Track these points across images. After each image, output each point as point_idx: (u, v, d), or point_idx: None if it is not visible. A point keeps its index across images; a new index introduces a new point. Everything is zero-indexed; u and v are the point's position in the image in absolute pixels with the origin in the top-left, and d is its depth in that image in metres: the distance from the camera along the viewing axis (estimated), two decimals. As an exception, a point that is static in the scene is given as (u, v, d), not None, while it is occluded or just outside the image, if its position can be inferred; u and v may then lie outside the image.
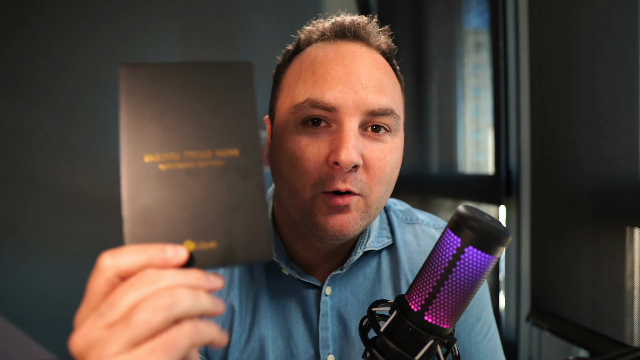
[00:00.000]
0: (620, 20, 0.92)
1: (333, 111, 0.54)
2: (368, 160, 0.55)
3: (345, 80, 0.54)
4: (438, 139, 1.79)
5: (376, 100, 0.55)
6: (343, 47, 0.58)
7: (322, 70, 0.55)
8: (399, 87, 0.62)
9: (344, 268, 0.63)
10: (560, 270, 1.10)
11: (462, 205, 0.42)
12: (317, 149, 0.54)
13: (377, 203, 0.57)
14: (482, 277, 0.41)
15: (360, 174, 0.54)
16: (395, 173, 0.59)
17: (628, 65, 0.90)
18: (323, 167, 0.54)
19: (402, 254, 0.67)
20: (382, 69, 0.58)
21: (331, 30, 0.60)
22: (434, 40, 1.81)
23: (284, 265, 0.63)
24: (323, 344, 0.62)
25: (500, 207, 1.39)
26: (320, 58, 0.57)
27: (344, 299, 0.64)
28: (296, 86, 0.57)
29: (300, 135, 0.55)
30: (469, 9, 1.57)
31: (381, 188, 0.57)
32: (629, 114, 0.90)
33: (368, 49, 0.59)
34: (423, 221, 0.72)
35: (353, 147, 0.52)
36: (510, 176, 1.35)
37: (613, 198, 0.94)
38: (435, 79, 1.80)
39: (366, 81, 0.55)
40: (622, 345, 0.90)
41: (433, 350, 0.43)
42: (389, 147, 0.57)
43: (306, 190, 0.55)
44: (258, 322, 0.62)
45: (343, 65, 0.55)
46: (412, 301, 0.43)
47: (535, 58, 1.19)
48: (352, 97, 0.54)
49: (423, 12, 1.89)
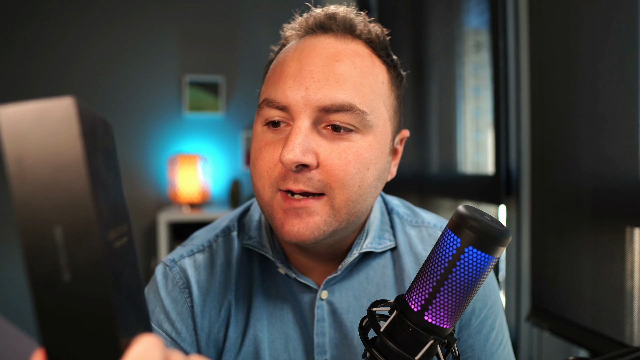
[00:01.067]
0: (620, 20, 0.92)
1: (285, 110, 0.52)
2: (324, 160, 0.51)
3: (297, 76, 0.51)
4: (438, 139, 1.79)
5: (329, 95, 0.50)
6: (305, 42, 0.55)
7: (280, 69, 0.54)
8: (381, 79, 0.56)
9: (339, 271, 0.60)
10: (560, 270, 1.10)
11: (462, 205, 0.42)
12: (272, 148, 0.53)
13: (348, 207, 0.53)
14: (482, 277, 0.41)
15: (315, 174, 0.51)
16: (370, 174, 0.53)
17: (628, 65, 0.90)
18: (277, 167, 0.52)
19: (407, 259, 0.64)
20: (346, 60, 0.52)
21: (303, 26, 0.57)
22: (434, 40, 1.81)
23: (281, 264, 0.60)
24: (319, 349, 0.60)
25: (500, 207, 1.39)
26: (282, 57, 0.55)
27: (346, 304, 0.61)
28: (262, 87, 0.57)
29: (263, 136, 0.54)
30: (469, 9, 1.57)
31: (348, 190, 0.52)
32: (629, 114, 0.90)
33: (336, 39, 0.54)
34: (429, 223, 0.69)
35: (297, 145, 0.49)
36: (510, 176, 1.35)
37: (613, 198, 0.94)
38: (435, 79, 1.80)
39: (319, 74, 0.51)
40: (622, 345, 0.90)
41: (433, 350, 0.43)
42: (355, 146, 0.52)
43: (265, 190, 0.53)
44: (254, 325, 0.60)
45: (298, 60, 0.53)
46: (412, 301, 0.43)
47: (535, 58, 1.19)
48: (302, 93, 0.51)
49: (423, 12, 1.89)
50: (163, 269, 0.63)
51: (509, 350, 0.67)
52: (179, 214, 2.26)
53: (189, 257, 0.63)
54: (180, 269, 0.62)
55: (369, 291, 0.62)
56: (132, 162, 2.54)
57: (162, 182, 2.57)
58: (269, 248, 0.61)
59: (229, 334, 0.60)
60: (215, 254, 0.63)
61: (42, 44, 2.44)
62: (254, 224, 0.65)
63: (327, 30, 0.55)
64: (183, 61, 2.60)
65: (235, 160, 2.67)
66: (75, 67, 2.48)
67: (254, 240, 0.63)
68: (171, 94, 2.59)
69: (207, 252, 0.64)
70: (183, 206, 2.41)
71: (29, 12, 2.42)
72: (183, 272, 0.62)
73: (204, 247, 0.64)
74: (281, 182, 0.52)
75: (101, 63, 2.51)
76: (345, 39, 0.55)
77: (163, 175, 2.57)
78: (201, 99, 2.59)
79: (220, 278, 0.61)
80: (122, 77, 2.52)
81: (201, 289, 0.60)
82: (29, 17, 2.42)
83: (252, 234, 0.64)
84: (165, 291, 0.61)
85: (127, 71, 2.53)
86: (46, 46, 2.44)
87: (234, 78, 2.64)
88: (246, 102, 2.67)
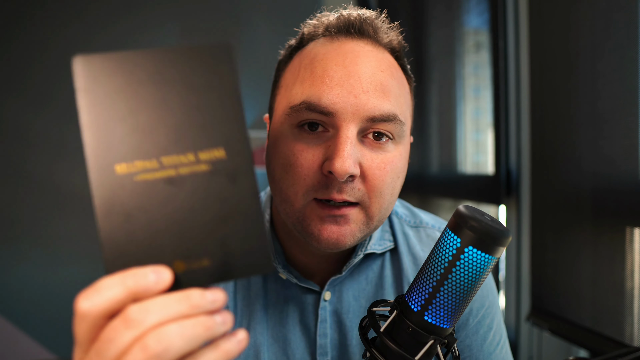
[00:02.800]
0: (620, 20, 0.92)
1: (330, 116, 0.50)
2: (367, 169, 0.51)
3: (344, 83, 0.50)
4: (438, 139, 1.79)
5: (377, 105, 0.50)
6: (346, 45, 0.53)
7: (321, 71, 0.51)
8: (407, 89, 0.57)
9: (344, 271, 0.61)
10: (560, 270, 1.10)
11: (462, 205, 0.42)
12: (311, 155, 0.51)
13: (380, 215, 0.54)
14: (482, 277, 0.41)
15: (357, 184, 0.51)
16: (399, 182, 0.55)
17: (628, 65, 0.90)
18: (317, 175, 0.51)
19: (405, 259, 0.64)
20: (387, 70, 0.53)
21: (336, 25, 0.55)
22: (434, 40, 1.81)
23: (282, 270, 0.60)
24: (321, 350, 0.60)
25: (500, 207, 1.39)
26: (320, 56, 0.53)
27: (346, 304, 0.62)
28: (294, 86, 0.53)
29: (296, 139, 0.52)
30: (469, 9, 1.57)
31: (382, 199, 0.53)
32: (629, 114, 0.90)
33: (374, 47, 0.54)
34: (427, 224, 0.69)
35: (349, 155, 0.48)
36: (510, 176, 1.35)
37: (613, 198, 0.94)
38: (435, 79, 1.80)
39: (368, 84, 0.50)
40: (622, 345, 0.90)
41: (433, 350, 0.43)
42: (390, 156, 0.53)
43: (298, 198, 0.52)
44: (253, 328, 0.60)
45: (344, 65, 0.51)
46: (412, 301, 0.43)
47: (535, 58, 1.19)
48: (351, 101, 0.50)
49: (423, 12, 1.89)
50: None
51: (507, 350, 0.67)
52: (179, 214, 2.26)
53: None
54: None
55: (368, 292, 0.63)
56: (132, 162, 2.54)
57: (162, 182, 2.57)
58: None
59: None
60: None
61: (42, 42, 2.44)
62: None
63: (364, 35, 0.55)
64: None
65: (235, 160, 2.67)
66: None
67: None
68: (171, 94, 2.59)
69: None
70: (183, 206, 2.42)
71: (28, 10, 2.42)
72: None
73: None
74: (321, 190, 0.51)
75: (101, 63, 2.51)
76: (381, 47, 0.55)
77: (163, 175, 2.57)
78: (201, 99, 2.59)
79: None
80: (122, 77, 2.53)
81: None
82: (29, 15, 2.42)
83: None
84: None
85: (127, 71, 2.53)
86: (46, 44, 2.45)
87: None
88: (246, 102, 2.67)
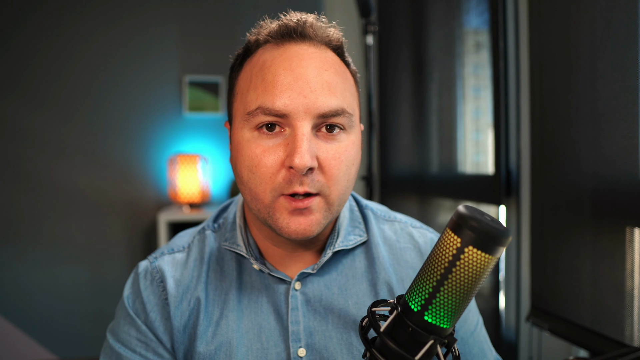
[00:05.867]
0: (620, 20, 0.92)
1: (284, 117, 0.56)
2: (323, 160, 0.57)
3: (293, 85, 0.56)
4: (438, 139, 1.79)
5: (326, 102, 0.56)
6: (290, 50, 0.59)
7: (271, 77, 0.57)
8: (352, 82, 0.63)
9: (314, 269, 0.65)
10: (560, 270, 1.10)
11: (462, 205, 0.42)
12: (273, 154, 0.56)
13: (339, 200, 0.60)
14: (482, 277, 0.41)
15: (316, 175, 0.57)
16: (354, 169, 0.61)
17: (628, 65, 0.90)
18: (280, 172, 0.56)
19: (381, 249, 0.69)
20: (330, 68, 0.59)
21: (277, 31, 0.60)
22: (434, 40, 1.81)
23: (254, 261, 0.65)
24: (294, 337, 0.63)
25: (500, 207, 1.39)
26: (268, 63, 0.58)
27: (317, 293, 0.66)
28: (248, 93, 0.59)
29: (257, 141, 0.57)
30: (469, 9, 1.57)
31: (340, 186, 0.59)
32: (629, 114, 0.90)
33: (316, 49, 0.60)
34: (401, 220, 0.75)
35: (306, 150, 0.54)
36: (510, 176, 1.35)
37: (613, 198, 0.94)
38: (435, 79, 1.80)
39: (315, 84, 0.56)
40: (622, 345, 0.90)
41: (433, 350, 0.43)
42: (344, 145, 0.59)
43: (266, 194, 0.57)
44: (226, 316, 0.64)
45: (291, 69, 0.56)
46: (412, 301, 0.43)
47: (535, 58, 1.19)
48: (302, 101, 0.55)
49: (423, 12, 1.89)
50: (146, 263, 0.71)
51: (485, 332, 0.73)
52: (179, 214, 2.26)
53: (169, 255, 0.71)
54: (159, 264, 0.69)
55: (339, 281, 0.67)
56: (132, 162, 2.54)
57: (162, 182, 2.57)
58: (243, 247, 0.67)
59: (200, 321, 0.64)
60: (190, 252, 0.71)
61: (41, 43, 2.44)
62: (229, 225, 0.71)
63: (306, 38, 0.60)
64: (183, 61, 2.60)
65: (235, 160, 2.67)
66: (74, 66, 2.48)
67: (229, 241, 0.69)
68: (171, 94, 2.59)
69: (185, 252, 0.71)
70: (183, 206, 2.41)
71: (28, 10, 2.42)
72: (160, 268, 0.69)
73: (184, 248, 0.72)
74: (286, 186, 0.56)
75: (101, 62, 2.50)
76: (323, 47, 0.61)
77: (163, 175, 2.57)
78: (201, 99, 2.59)
79: (192, 272, 0.68)
80: (122, 77, 2.52)
81: (175, 282, 0.67)
82: (29, 15, 2.42)
83: (227, 235, 0.70)
84: (144, 283, 0.68)
85: (127, 71, 2.53)
86: (45, 44, 2.44)
87: (234, 78, 2.63)
88: (246, 102, 2.66)
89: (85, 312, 2.43)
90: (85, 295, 2.43)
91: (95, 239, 2.48)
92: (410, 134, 2.03)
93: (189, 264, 0.69)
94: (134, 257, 2.51)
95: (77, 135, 2.49)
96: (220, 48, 2.61)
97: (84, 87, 2.49)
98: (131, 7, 2.54)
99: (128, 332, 0.65)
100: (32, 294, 2.41)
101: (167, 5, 2.57)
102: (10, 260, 2.40)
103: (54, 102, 2.46)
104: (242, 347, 0.63)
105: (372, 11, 1.61)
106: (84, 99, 2.49)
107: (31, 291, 2.42)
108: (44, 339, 2.42)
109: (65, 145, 2.47)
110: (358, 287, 0.67)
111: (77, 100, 2.48)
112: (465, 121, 1.63)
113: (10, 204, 2.42)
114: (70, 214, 2.47)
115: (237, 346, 0.63)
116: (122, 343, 0.65)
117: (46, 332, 2.42)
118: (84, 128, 2.49)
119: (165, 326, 0.65)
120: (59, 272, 2.44)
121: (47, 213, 2.45)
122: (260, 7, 2.63)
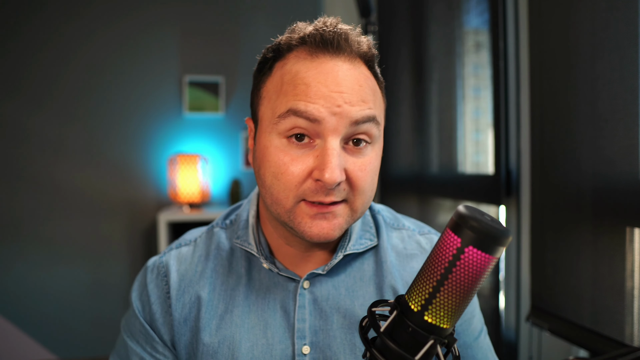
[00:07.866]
0: (620, 20, 0.92)
1: (316, 123, 0.55)
2: (350, 173, 0.58)
3: (327, 97, 0.56)
4: (438, 139, 1.79)
5: (359, 111, 0.57)
6: (325, 65, 0.57)
7: (304, 87, 0.56)
8: (380, 95, 0.64)
9: (325, 270, 0.66)
10: (560, 270, 1.10)
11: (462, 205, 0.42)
12: (301, 163, 0.57)
13: (362, 207, 0.61)
14: (482, 277, 0.41)
15: (343, 185, 0.58)
16: (376, 178, 0.62)
17: (628, 65, 0.90)
18: (307, 181, 0.57)
19: (389, 255, 0.70)
20: (364, 84, 0.59)
21: (312, 39, 0.59)
22: (434, 40, 1.81)
23: (264, 260, 0.66)
24: (299, 334, 0.64)
25: (500, 207, 1.39)
26: (302, 74, 0.57)
27: (325, 292, 0.67)
28: (278, 98, 0.58)
29: (285, 150, 0.57)
30: (469, 9, 1.57)
31: (365, 195, 0.60)
32: (629, 114, 0.90)
33: (351, 65, 0.59)
34: (409, 227, 0.76)
35: (336, 166, 0.55)
36: (510, 176, 1.35)
37: (613, 198, 0.94)
38: (435, 79, 1.80)
39: (349, 98, 0.56)
40: (622, 345, 0.90)
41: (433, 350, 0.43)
42: (369, 158, 0.60)
43: (289, 200, 0.58)
44: (231, 311, 0.66)
45: (325, 84, 0.56)
46: (412, 301, 0.43)
47: (535, 58, 1.19)
48: (335, 110, 0.55)
49: (423, 12, 1.89)
50: (155, 258, 0.74)
51: (489, 341, 0.73)
52: (179, 214, 2.26)
53: (176, 249, 0.73)
54: (166, 259, 0.72)
55: (347, 282, 0.68)
56: (132, 162, 2.54)
57: (162, 182, 2.57)
58: (254, 245, 0.68)
59: (202, 314, 0.66)
60: (197, 247, 0.73)
61: (41, 43, 2.44)
62: (242, 223, 0.72)
63: (341, 52, 0.59)
64: (183, 61, 2.60)
65: (236, 160, 2.67)
66: (74, 66, 2.48)
67: (241, 238, 0.70)
68: (171, 94, 2.59)
69: (192, 245, 0.73)
70: (183, 206, 2.41)
71: (28, 9, 2.42)
72: (167, 262, 0.71)
73: (190, 242, 0.74)
74: (310, 194, 0.57)
75: (101, 62, 2.51)
76: (357, 61, 0.60)
77: (163, 175, 2.57)
78: (201, 99, 2.59)
79: (196, 267, 0.70)
80: (122, 77, 2.52)
81: (179, 276, 0.69)
82: (29, 15, 2.42)
83: (239, 233, 0.71)
84: (150, 277, 0.71)
85: (127, 71, 2.53)
86: (45, 45, 2.45)
87: (234, 78, 2.64)
88: (246, 102, 2.66)
89: (85, 312, 2.43)
90: (85, 295, 2.44)
91: (95, 239, 2.48)
92: (410, 134, 2.03)
93: (194, 259, 0.71)
94: (134, 257, 2.51)
95: (77, 135, 2.49)
96: (220, 48, 2.61)
97: (84, 87, 2.49)
98: (131, 7, 2.54)
99: (134, 324, 0.69)
100: (32, 294, 2.41)
101: (167, 5, 2.57)
102: (10, 261, 2.40)
103: (54, 102, 2.46)
104: (247, 342, 0.64)
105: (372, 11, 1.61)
106: (83, 99, 2.49)
107: (31, 291, 2.42)
108: (44, 339, 2.42)
109: (65, 145, 2.47)
110: (365, 290, 0.67)
111: (77, 100, 2.48)
112: (465, 121, 1.63)
113: (10, 204, 2.42)
114: (70, 214, 2.47)
115: (240, 341, 0.64)
116: (130, 332, 0.70)
117: (46, 332, 2.42)
118: (83, 128, 2.49)
119: (164, 319, 0.67)
120: (59, 272, 2.44)
121: (47, 213, 2.45)
122: (260, 7, 2.64)
